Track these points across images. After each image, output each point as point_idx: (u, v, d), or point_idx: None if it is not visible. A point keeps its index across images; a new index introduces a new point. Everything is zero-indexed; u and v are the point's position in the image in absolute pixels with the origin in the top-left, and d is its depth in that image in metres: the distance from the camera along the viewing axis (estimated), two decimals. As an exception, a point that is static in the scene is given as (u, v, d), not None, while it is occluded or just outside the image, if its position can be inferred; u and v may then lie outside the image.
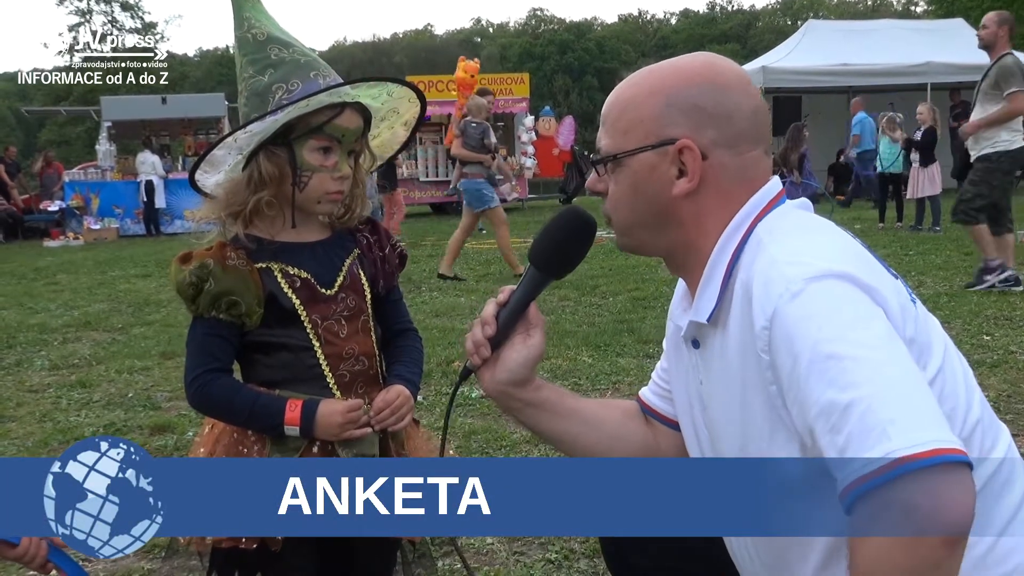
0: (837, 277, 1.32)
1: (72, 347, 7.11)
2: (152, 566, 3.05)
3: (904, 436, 1.17)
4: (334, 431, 1.87)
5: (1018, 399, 4.57)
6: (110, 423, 4.84)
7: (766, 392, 1.39)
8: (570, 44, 70.28)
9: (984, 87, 7.65)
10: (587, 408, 1.84)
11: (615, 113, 1.57)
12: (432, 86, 21.69)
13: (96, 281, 11.45)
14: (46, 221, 20.97)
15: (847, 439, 1.21)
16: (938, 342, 1.46)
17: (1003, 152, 7.54)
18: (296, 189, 1.88)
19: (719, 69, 1.55)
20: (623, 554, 1.89)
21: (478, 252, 12.80)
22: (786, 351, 1.31)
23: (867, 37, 20.42)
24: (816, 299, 1.30)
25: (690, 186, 1.51)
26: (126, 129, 23.03)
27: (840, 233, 1.49)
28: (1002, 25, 7.71)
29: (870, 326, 1.29)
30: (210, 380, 1.87)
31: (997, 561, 1.38)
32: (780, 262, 1.37)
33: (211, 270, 1.84)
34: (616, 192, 1.58)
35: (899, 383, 1.24)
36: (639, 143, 1.53)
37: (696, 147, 1.49)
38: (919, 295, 1.55)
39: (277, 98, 1.82)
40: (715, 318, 1.50)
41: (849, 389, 1.22)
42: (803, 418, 1.30)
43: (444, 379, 5.29)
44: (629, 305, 7.63)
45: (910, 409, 1.21)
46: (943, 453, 1.16)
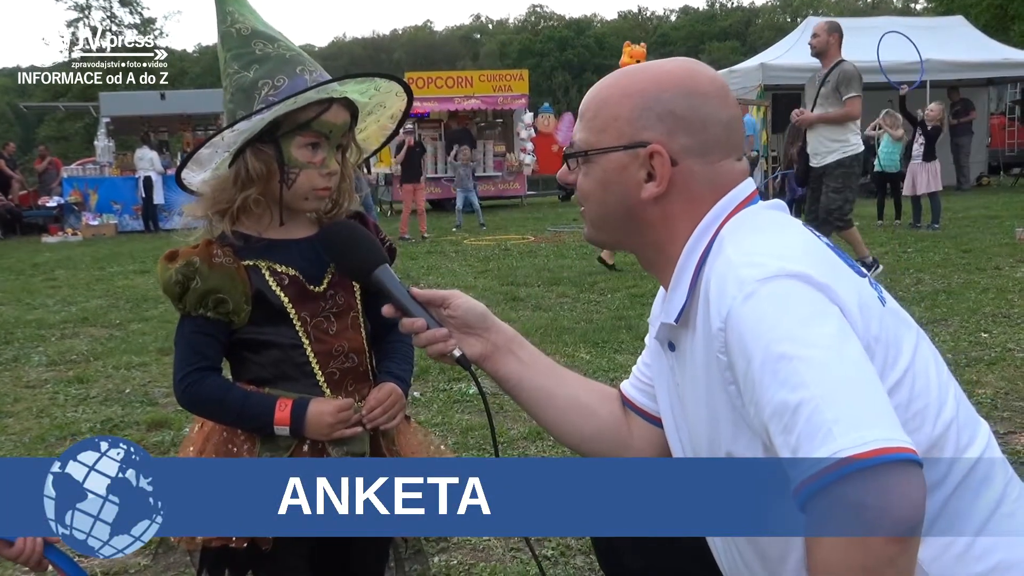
0: (790, 276, 1.33)
1: (70, 343, 7.11)
2: (147, 562, 3.05)
3: (848, 436, 1.18)
4: (324, 431, 1.86)
5: (1015, 396, 4.57)
6: (107, 419, 4.84)
7: (726, 392, 1.40)
8: (570, 41, 70.21)
9: (824, 91, 7.90)
10: (568, 373, 1.90)
11: (592, 109, 1.59)
12: (431, 82, 21.67)
13: (94, 277, 11.45)
14: (44, 217, 20.94)
15: (797, 439, 1.22)
16: (908, 341, 1.46)
17: (853, 156, 7.89)
18: (284, 186, 1.86)
19: (698, 77, 1.56)
20: (617, 554, 1.89)
21: (476, 249, 12.81)
22: (740, 352, 1.32)
23: (866, 34, 20.40)
24: (768, 300, 1.31)
25: (658, 191, 1.53)
26: (125, 125, 22.99)
27: (801, 232, 1.50)
28: (832, 33, 8.03)
29: (822, 325, 1.29)
30: (199, 379, 1.86)
31: (976, 558, 1.38)
32: (735, 263, 1.38)
33: (197, 268, 1.82)
34: (585, 186, 1.61)
35: (848, 382, 1.24)
36: (612, 142, 1.55)
37: (666, 153, 1.51)
38: (917, 293, 1.55)
39: (263, 94, 1.80)
40: (683, 319, 1.51)
41: (799, 389, 1.23)
42: (759, 418, 1.31)
43: (441, 375, 5.29)
44: (627, 302, 7.63)
45: (857, 408, 1.22)
46: (888, 452, 1.17)
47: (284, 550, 1.86)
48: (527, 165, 22.39)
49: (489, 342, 1.82)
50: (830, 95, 7.81)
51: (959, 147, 20.29)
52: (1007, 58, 20.28)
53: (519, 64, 53.01)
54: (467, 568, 2.97)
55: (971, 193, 19.23)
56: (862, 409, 1.22)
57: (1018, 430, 4.06)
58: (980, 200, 16.79)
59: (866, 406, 1.23)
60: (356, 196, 2.02)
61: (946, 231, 12.05)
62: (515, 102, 22.33)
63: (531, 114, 23.12)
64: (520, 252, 12.11)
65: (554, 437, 1.94)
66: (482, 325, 1.82)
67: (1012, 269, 8.55)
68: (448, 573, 2.93)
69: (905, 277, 8.34)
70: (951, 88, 20.12)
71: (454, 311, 1.80)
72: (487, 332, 1.82)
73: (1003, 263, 8.92)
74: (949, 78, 19.55)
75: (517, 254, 11.87)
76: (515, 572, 2.91)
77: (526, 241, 13.57)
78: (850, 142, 7.83)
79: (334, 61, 67.16)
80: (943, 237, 11.33)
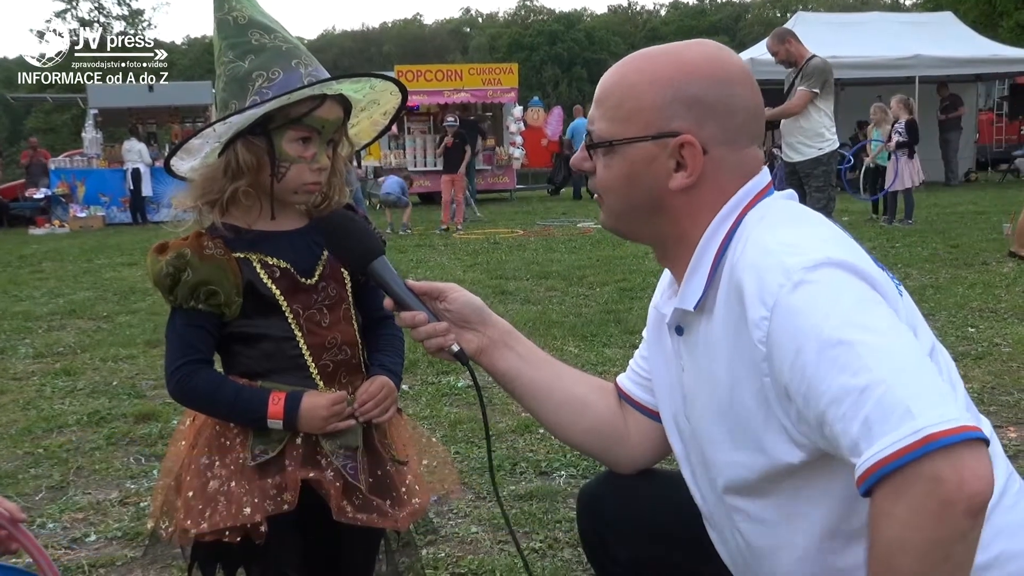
0: (835, 265, 1.32)
1: (57, 335, 7.08)
2: (135, 554, 3.04)
3: (929, 414, 1.18)
4: (318, 424, 1.84)
5: (1002, 391, 4.59)
6: (94, 411, 4.82)
7: (760, 382, 1.38)
8: (559, 35, 70.17)
9: (794, 87, 7.96)
10: (564, 368, 1.90)
11: (615, 98, 1.54)
12: (420, 75, 21.62)
13: (81, 269, 11.40)
14: (31, 209, 20.85)
15: (865, 422, 1.20)
16: (924, 333, 1.47)
17: (830, 152, 7.93)
18: (274, 180, 1.84)
19: (725, 62, 1.53)
20: (604, 544, 1.89)
21: (465, 243, 12.80)
22: (789, 341, 1.30)
23: (856, 30, 20.44)
24: (818, 288, 1.30)
25: (689, 181, 1.50)
26: (113, 116, 22.91)
27: (829, 223, 1.49)
28: (783, 41, 8.09)
29: (874, 311, 1.29)
30: (192, 372, 1.84)
31: (979, 549, 1.38)
32: (776, 251, 1.36)
33: (188, 260, 1.80)
34: (608, 177, 1.57)
35: (911, 364, 1.24)
36: (639, 132, 1.51)
37: (698, 143, 1.48)
38: (905, 287, 1.56)
39: (257, 86, 1.77)
40: (701, 306, 1.50)
41: (862, 373, 1.22)
42: (812, 408, 1.28)
43: (430, 368, 5.28)
44: (616, 296, 7.63)
45: (927, 388, 1.22)
46: (967, 430, 1.17)
47: (277, 545, 1.85)
48: (516, 159, 22.37)
49: (485, 336, 1.82)
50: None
51: (947, 143, 20.38)
52: (995, 54, 20.36)
53: (509, 58, 52.90)
54: (455, 560, 2.97)
55: (959, 189, 19.31)
56: (931, 389, 1.22)
57: (1005, 424, 4.07)
58: (968, 196, 16.86)
59: (934, 386, 1.23)
60: (347, 190, 2.01)
61: (933, 226, 12.09)
62: (505, 96, 22.32)
63: (521, 108, 23.12)
64: (509, 246, 12.10)
65: (549, 431, 1.93)
66: (478, 319, 1.81)
67: (999, 264, 8.59)
68: (436, 566, 2.92)
69: (893, 272, 8.35)
70: (940, 84, 20.18)
71: (451, 304, 1.79)
72: (483, 326, 1.82)
73: (990, 258, 8.96)
74: (938, 74, 19.61)
75: (506, 248, 11.86)
76: (502, 564, 2.90)
77: (515, 235, 13.56)
78: (825, 138, 7.84)
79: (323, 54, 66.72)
80: (931, 232, 11.37)
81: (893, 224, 12.72)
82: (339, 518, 1.85)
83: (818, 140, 7.81)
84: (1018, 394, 4.52)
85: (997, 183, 20.55)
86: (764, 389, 1.38)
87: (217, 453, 1.86)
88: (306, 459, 1.86)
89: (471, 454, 3.92)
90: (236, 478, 1.82)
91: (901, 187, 12.95)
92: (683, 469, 1.70)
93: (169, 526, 1.87)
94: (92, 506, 3.55)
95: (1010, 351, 5.35)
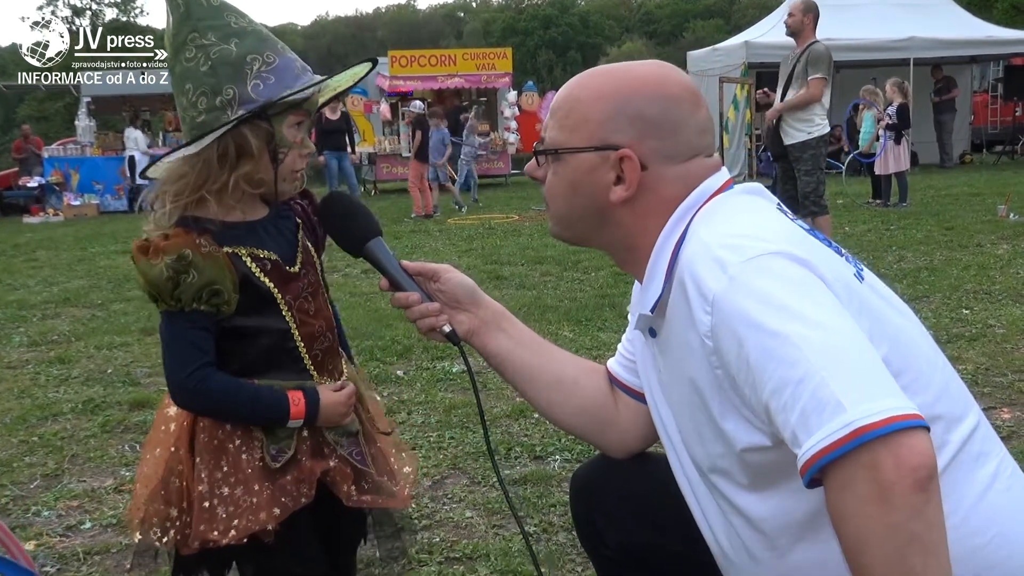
0: (772, 254, 1.33)
1: (51, 323, 7.07)
2: (130, 541, 3.04)
3: (859, 407, 1.18)
4: (336, 420, 1.85)
5: (996, 372, 4.60)
6: (89, 399, 4.82)
7: (712, 375, 1.40)
8: (554, 19, 69.98)
9: (798, 71, 7.85)
10: (555, 349, 1.92)
11: (565, 108, 1.60)
12: (414, 61, 21.57)
13: (76, 257, 11.39)
14: (25, 197, 20.80)
15: (803, 413, 1.22)
16: (893, 315, 1.47)
17: (820, 136, 7.83)
18: (275, 166, 1.80)
19: (669, 80, 1.57)
20: (597, 530, 1.90)
21: (460, 228, 12.79)
22: (730, 335, 1.32)
23: (851, 12, 20.38)
24: (755, 279, 1.31)
25: (626, 194, 1.54)
26: (106, 104, 22.81)
27: (774, 213, 1.51)
28: (807, 13, 7.95)
29: (813, 298, 1.30)
30: (206, 376, 1.75)
31: (973, 531, 1.39)
32: (711, 246, 1.38)
33: (191, 261, 1.71)
34: (554, 184, 1.62)
35: (847, 353, 1.24)
36: (582, 143, 1.56)
37: (636, 157, 1.52)
38: (899, 270, 1.56)
39: (256, 69, 1.73)
40: (659, 309, 1.52)
41: (799, 364, 1.23)
42: (757, 398, 1.30)
43: (424, 354, 5.28)
44: (611, 280, 7.63)
45: (861, 378, 1.22)
46: (898, 420, 1.17)
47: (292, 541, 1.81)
48: (511, 144, 22.32)
49: (478, 318, 1.83)
50: (801, 75, 7.79)
51: (942, 125, 20.36)
52: (990, 36, 20.32)
53: (503, 43, 52.67)
54: (449, 544, 2.97)
55: (954, 171, 19.31)
56: (866, 379, 1.22)
57: (999, 405, 4.09)
58: (963, 178, 16.85)
59: (869, 376, 1.23)
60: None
61: (928, 208, 12.10)
62: (499, 80, 22.26)
63: (515, 92, 23.04)
64: (504, 231, 12.10)
65: (540, 413, 1.94)
66: (471, 300, 1.83)
67: (993, 246, 8.60)
68: (430, 550, 2.93)
69: (888, 254, 8.38)
70: (934, 66, 20.16)
71: (444, 285, 1.81)
72: (476, 308, 1.83)
73: (985, 240, 8.98)
74: (932, 56, 19.58)
75: (501, 233, 11.86)
76: (497, 548, 2.91)
77: (510, 220, 13.55)
78: (815, 123, 7.79)
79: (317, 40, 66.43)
80: (925, 214, 11.38)
81: (888, 207, 12.73)
82: (350, 504, 1.85)
83: (808, 124, 7.77)
84: (1012, 375, 4.54)
85: (992, 165, 20.55)
86: (718, 380, 1.40)
87: (224, 458, 1.80)
88: (314, 451, 1.85)
89: (466, 439, 3.93)
90: (256, 481, 1.78)
91: (884, 171, 12.97)
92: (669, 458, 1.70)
93: (162, 535, 1.81)
94: (87, 494, 3.56)
95: (1004, 332, 5.37)
